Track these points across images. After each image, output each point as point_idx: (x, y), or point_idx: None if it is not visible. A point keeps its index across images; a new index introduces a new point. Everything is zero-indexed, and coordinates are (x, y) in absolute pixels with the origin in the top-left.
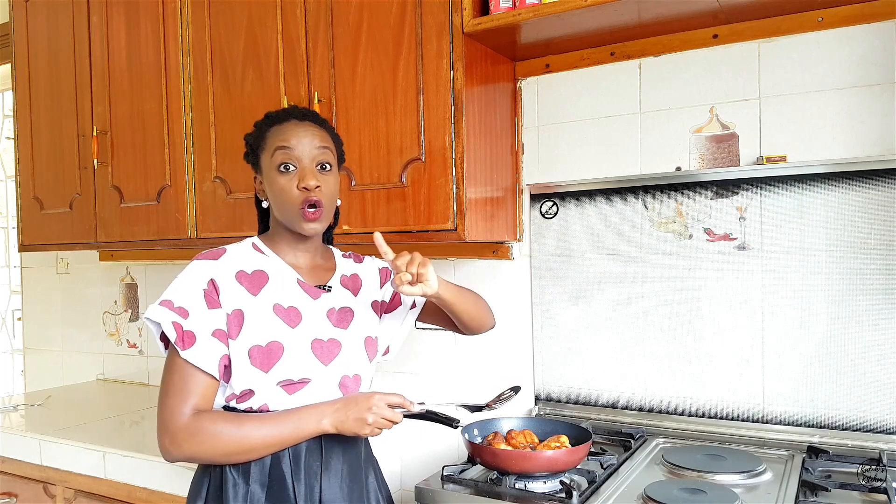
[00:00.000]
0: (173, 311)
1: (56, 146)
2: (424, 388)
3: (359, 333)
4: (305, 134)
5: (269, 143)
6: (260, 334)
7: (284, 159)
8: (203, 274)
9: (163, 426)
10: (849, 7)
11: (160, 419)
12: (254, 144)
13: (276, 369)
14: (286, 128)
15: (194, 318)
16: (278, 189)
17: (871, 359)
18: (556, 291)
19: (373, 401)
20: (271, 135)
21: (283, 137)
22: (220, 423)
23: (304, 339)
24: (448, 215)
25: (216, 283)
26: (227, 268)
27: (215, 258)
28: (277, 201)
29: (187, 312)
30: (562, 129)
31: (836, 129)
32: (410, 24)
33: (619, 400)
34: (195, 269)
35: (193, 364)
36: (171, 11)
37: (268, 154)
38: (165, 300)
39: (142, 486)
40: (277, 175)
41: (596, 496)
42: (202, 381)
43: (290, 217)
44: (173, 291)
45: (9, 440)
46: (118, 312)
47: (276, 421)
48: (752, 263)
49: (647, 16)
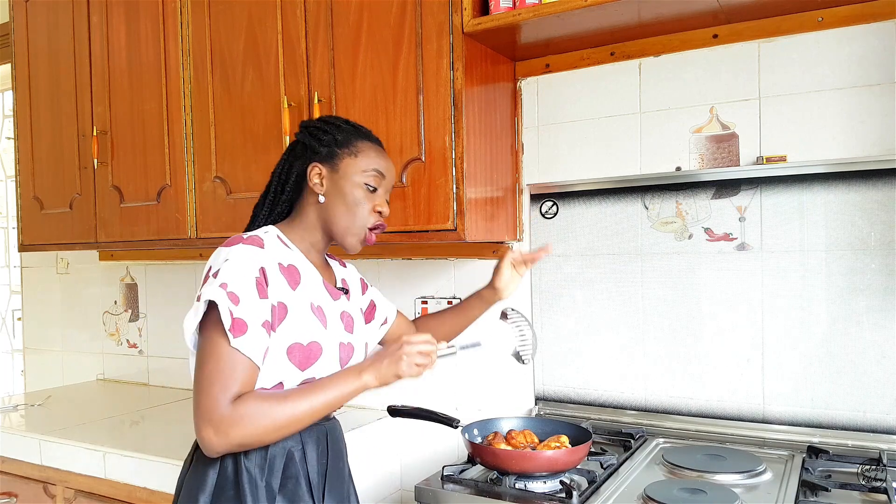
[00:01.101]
0: (227, 294)
1: (56, 146)
2: (424, 388)
3: (361, 338)
4: (391, 166)
5: (363, 155)
6: (301, 332)
7: (376, 181)
8: (254, 261)
9: (205, 417)
10: (849, 7)
11: (202, 409)
12: (341, 141)
13: (311, 369)
14: (380, 151)
15: (245, 306)
16: (356, 199)
17: (871, 359)
18: (555, 291)
19: (403, 349)
20: (368, 148)
21: (380, 161)
22: (264, 403)
23: (334, 341)
24: (448, 215)
25: (266, 271)
26: (272, 257)
27: (260, 246)
28: (348, 210)
29: (238, 299)
30: (562, 129)
31: (835, 129)
32: (410, 24)
33: (619, 400)
34: (246, 255)
35: (243, 353)
36: (171, 11)
37: (359, 163)
38: (223, 283)
39: (142, 486)
40: (363, 188)
41: (596, 496)
42: (249, 369)
43: (350, 230)
44: (228, 275)
45: (9, 440)
46: (118, 312)
47: (319, 388)
48: (752, 263)
49: (647, 16)
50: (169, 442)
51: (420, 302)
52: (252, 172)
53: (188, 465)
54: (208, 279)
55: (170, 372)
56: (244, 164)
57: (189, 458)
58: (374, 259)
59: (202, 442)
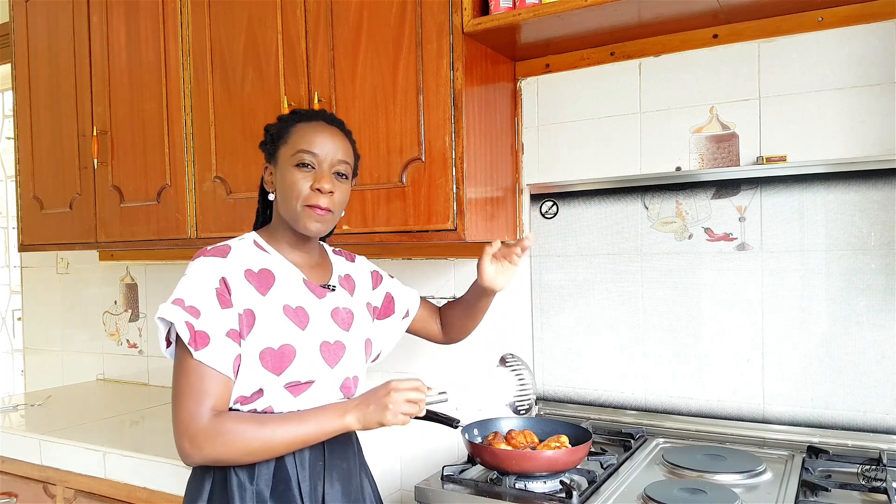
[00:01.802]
0: (185, 310)
1: (56, 146)
2: None
3: (360, 335)
4: (332, 139)
5: (292, 138)
6: (271, 337)
7: (306, 158)
8: (214, 272)
9: (181, 429)
10: (849, 7)
11: (177, 422)
12: (275, 135)
13: (287, 372)
14: (314, 127)
15: (207, 318)
16: (290, 182)
17: (871, 359)
18: (556, 291)
19: (390, 396)
20: (297, 130)
21: (309, 138)
22: (241, 424)
23: (313, 341)
24: (448, 215)
25: (227, 281)
26: (236, 266)
27: (223, 255)
28: (286, 195)
29: (199, 312)
30: (562, 129)
31: (835, 129)
32: (410, 24)
33: (619, 400)
34: (205, 267)
35: (208, 365)
36: (171, 11)
37: (289, 148)
38: (177, 299)
39: (142, 486)
40: (294, 170)
41: (596, 496)
42: (218, 381)
43: (295, 213)
44: (184, 290)
45: (9, 440)
46: (118, 312)
47: (299, 420)
48: (752, 263)
49: (647, 16)
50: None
51: None
52: (252, 172)
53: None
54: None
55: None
56: (244, 164)
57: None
58: (374, 259)
59: (180, 452)
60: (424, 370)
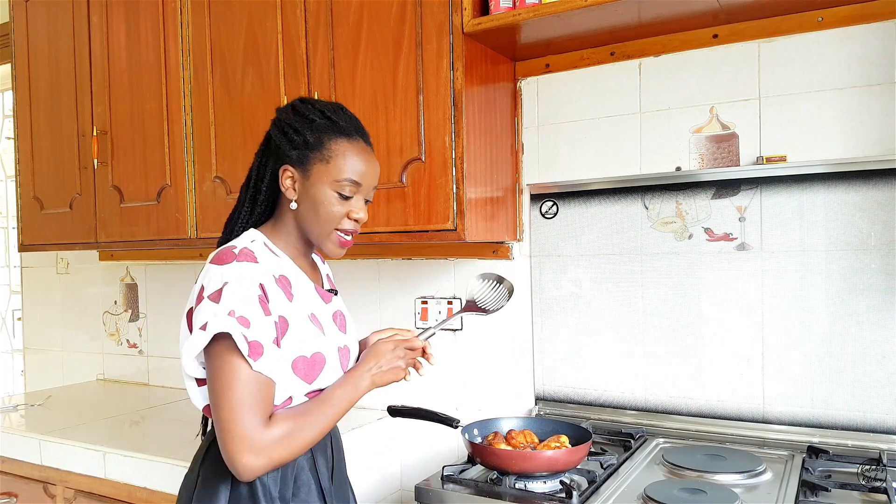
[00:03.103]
0: (237, 321)
1: (56, 146)
2: (424, 388)
3: (354, 337)
4: (373, 166)
5: (336, 160)
6: (303, 344)
7: (351, 190)
8: (253, 278)
9: (243, 444)
10: (849, 7)
11: (237, 436)
12: (311, 144)
13: (318, 380)
14: (358, 151)
15: (256, 327)
16: (327, 209)
17: (871, 359)
18: (556, 291)
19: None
20: (340, 151)
21: (355, 166)
22: (295, 422)
23: (333, 347)
24: (448, 215)
25: (265, 287)
26: (268, 271)
27: (254, 261)
28: (320, 219)
29: (249, 322)
30: (562, 129)
31: (835, 129)
32: (410, 24)
33: (619, 400)
34: (245, 274)
35: (265, 374)
36: (171, 11)
37: (331, 169)
38: (230, 310)
39: (142, 486)
40: (334, 196)
41: (596, 496)
42: (272, 389)
43: (324, 237)
44: (232, 300)
45: (9, 440)
46: (118, 312)
47: (332, 400)
48: (752, 263)
49: (647, 16)
50: (169, 442)
51: (420, 302)
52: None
53: (194, 481)
54: (202, 300)
55: (170, 372)
56: (244, 164)
57: (195, 474)
58: (374, 259)
59: (239, 468)
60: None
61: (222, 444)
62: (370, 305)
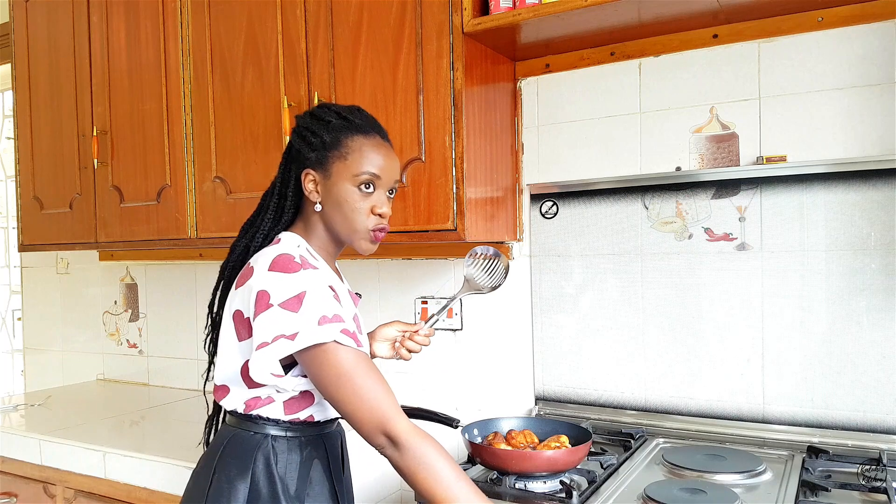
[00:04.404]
0: (331, 322)
1: (56, 146)
2: (424, 388)
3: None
4: (391, 159)
5: (353, 156)
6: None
7: (370, 180)
8: (323, 282)
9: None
10: (849, 7)
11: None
12: (329, 143)
13: None
14: (375, 145)
15: (348, 321)
16: (351, 206)
17: (871, 359)
18: (555, 291)
19: None
20: (357, 146)
21: (374, 159)
22: (442, 458)
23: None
24: (448, 215)
25: (334, 289)
26: (325, 276)
27: (315, 267)
28: (346, 217)
29: (342, 318)
30: (562, 129)
31: (835, 129)
32: (410, 24)
33: (619, 400)
34: (316, 280)
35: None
36: (171, 11)
37: (349, 165)
38: (320, 317)
39: (142, 486)
40: (355, 192)
41: (596, 496)
42: None
43: (355, 235)
44: (319, 306)
45: (9, 440)
46: (118, 312)
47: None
48: (752, 263)
49: (647, 16)
50: (169, 442)
51: (420, 302)
52: (252, 172)
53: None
54: (270, 307)
55: (170, 372)
56: (244, 164)
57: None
58: (374, 259)
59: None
60: (423, 370)
61: (367, 419)
62: (370, 305)
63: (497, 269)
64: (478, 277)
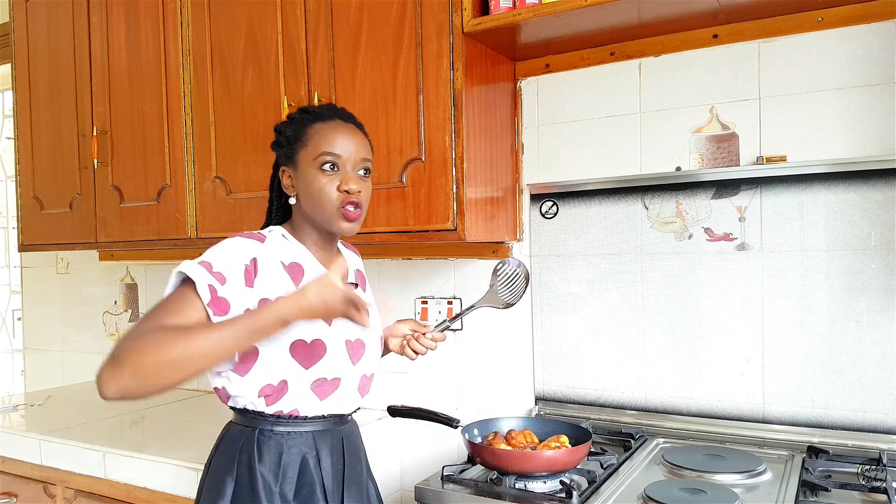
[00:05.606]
0: (211, 274)
1: (56, 146)
2: (424, 388)
3: (376, 332)
4: (352, 138)
5: (312, 141)
6: (304, 329)
7: (329, 159)
8: (247, 250)
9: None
10: (849, 7)
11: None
12: (292, 137)
13: (316, 367)
14: (333, 127)
15: (231, 289)
16: (317, 187)
17: (871, 359)
18: (555, 291)
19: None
20: (315, 132)
21: (330, 139)
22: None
23: (339, 338)
24: (448, 215)
25: (258, 263)
26: (272, 253)
27: (260, 241)
28: (315, 200)
29: (225, 280)
30: (562, 129)
31: (836, 128)
32: (410, 24)
33: (619, 400)
34: (239, 244)
35: None
36: (171, 11)
37: (309, 151)
38: (205, 262)
39: (142, 486)
40: (318, 173)
41: (596, 496)
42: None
43: (327, 216)
44: (213, 257)
45: (9, 440)
46: (118, 312)
47: (227, 323)
48: (752, 263)
49: (647, 16)
50: (169, 442)
51: (420, 302)
52: (252, 172)
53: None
54: None
55: None
56: (244, 164)
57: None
58: (374, 259)
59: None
60: (423, 371)
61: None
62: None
63: (517, 283)
64: (500, 291)
